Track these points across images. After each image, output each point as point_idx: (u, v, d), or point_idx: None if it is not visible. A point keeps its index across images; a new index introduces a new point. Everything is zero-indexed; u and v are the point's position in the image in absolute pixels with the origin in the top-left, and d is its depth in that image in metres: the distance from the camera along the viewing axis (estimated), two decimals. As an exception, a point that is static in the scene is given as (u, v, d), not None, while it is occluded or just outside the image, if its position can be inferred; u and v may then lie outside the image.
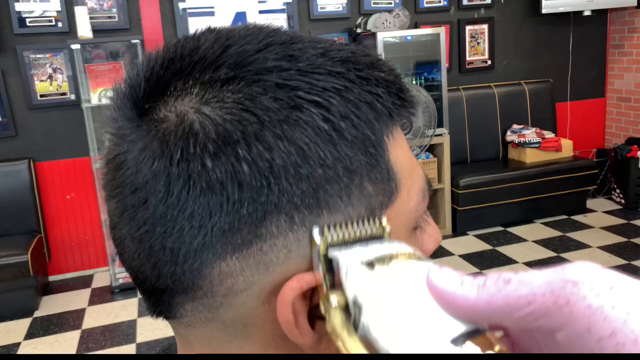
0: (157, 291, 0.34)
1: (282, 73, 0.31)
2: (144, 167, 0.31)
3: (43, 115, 3.78)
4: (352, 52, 0.34)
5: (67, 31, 3.69)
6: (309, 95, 0.31)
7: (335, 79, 0.32)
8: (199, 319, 0.34)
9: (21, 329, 3.30)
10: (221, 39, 0.34)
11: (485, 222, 4.32)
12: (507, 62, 4.73)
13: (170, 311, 0.35)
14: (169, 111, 0.32)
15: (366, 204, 0.32)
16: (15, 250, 3.43)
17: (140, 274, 0.34)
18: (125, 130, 0.33)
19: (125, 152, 0.33)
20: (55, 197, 3.88)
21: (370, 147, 0.32)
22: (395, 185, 0.34)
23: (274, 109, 0.30)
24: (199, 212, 0.30)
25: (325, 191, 0.31)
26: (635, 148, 4.50)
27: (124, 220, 0.33)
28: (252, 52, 0.32)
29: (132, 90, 0.33)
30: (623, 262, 3.64)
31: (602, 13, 4.81)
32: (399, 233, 0.35)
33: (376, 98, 0.33)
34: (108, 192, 0.35)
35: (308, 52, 0.33)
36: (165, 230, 0.31)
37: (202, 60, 0.32)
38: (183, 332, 0.37)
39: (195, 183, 0.30)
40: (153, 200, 0.31)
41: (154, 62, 0.34)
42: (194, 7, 3.94)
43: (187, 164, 0.30)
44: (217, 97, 0.31)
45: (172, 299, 0.34)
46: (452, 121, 4.32)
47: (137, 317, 3.34)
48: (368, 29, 3.96)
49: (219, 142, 0.30)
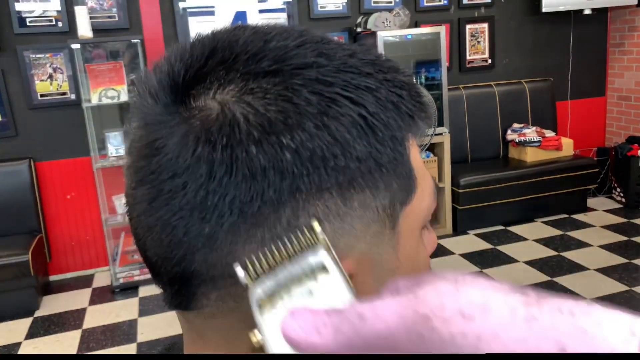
0: (182, 281, 0.34)
1: (320, 69, 0.33)
2: (185, 152, 0.31)
3: (43, 115, 3.79)
4: (376, 56, 0.36)
5: (67, 31, 3.69)
6: (344, 92, 0.32)
7: (366, 79, 0.34)
8: (223, 309, 0.34)
9: (22, 329, 3.30)
10: (259, 33, 0.35)
11: (485, 221, 4.32)
12: (507, 61, 4.73)
13: (192, 302, 0.35)
14: (211, 99, 0.32)
15: (390, 199, 0.34)
16: (15, 250, 3.43)
17: (167, 262, 0.34)
18: (162, 117, 0.33)
19: (164, 137, 0.33)
20: (55, 197, 3.88)
21: (398, 145, 0.34)
22: (414, 183, 0.35)
23: (314, 101, 0.31)
24: (240, 198, 0.31)
25: (358, 183, 0.32)
26: (636, 147, 4.50)
27: (156, 206, 0.33)
28: (292, 47, 0.34)
29: (169, 77, 0.34)
30: (624, 260, 3.64)
31: (603, 12, 4.81)
32: (414, 230, 0.37)
33: (400, 100, 0.35)
34: (139, 177, 0.34)
35: (339, 52, 0.34)
36: (204, 216, 0.31)
37: (244, 51, 0.33)
38: (200, 325, 0.36)
39: (238, 169, 0.30)
40: (193, 185, 0.31)
41: (192, 52, 0.34)
42: (194, 7, 3.94)
43: (232, 151, 0.31)
44: (259, 88, 0.32)
45: (198, 288, 0.34)
46: (452, 120, 4.32)
47: (138, 316, 3.35)
48: (368, 28, 3.96)
49: (262, 130, 0.31)
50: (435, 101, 3.90)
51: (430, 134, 3.83)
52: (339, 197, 0.32)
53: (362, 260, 0.33)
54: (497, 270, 3.63)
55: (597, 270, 3.53)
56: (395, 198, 0.34)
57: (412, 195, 0.35)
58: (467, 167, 4.46)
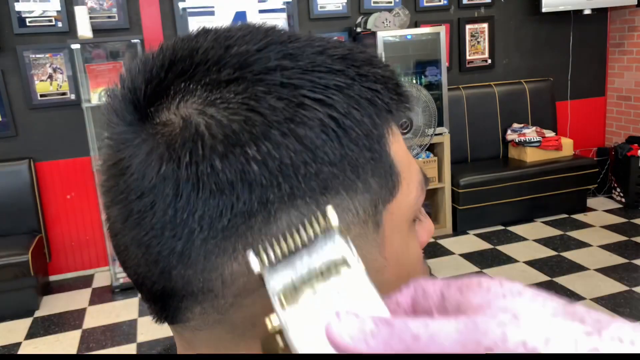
0: (164, 297, 0.34)
1: (284, 72, 0.31)
2: (150, 171, 0.31)
3: (43, 115, 3.78)
4: (349, 49, 0.35)
5: (67, 31, 3.69)
6: (312, 94, 0.31)
7: (336, 77, 0.32)
8: (207, 321, 0.34)
9: (22, 329, 3.30)
10: (220, 39, 0.33)
11: (485, 221, 4.32)
12: (507, 61, 4.73)
13: (177, 316, 0.35)
14: (173, 114, 0.31)
15: (370, 199, 0.33)
16: (15, 250, 3.43)
17: (147, 280, 0.34)
18: (127, 135, 0.33)
19: (129, 157, 0.32)
20: (55, 197, 3.88)
21: (374, 143, 0.33)
22: (396, 179, 0.34)
23: (280, 107, 0.30)
24: (209, 214, 0.30)
25: (333, 187, 0.31)
26: (636, 147, 4.50)
27: (128, 226, 0.33)
28: (254, 52, 0.32)
29: (131, 93, 0.33)
30: (623, 260, 3.64)
31: (602, 12, 4.81)
32: (401, 225, 0.35)
33: (376, 94, 0.33)
34: (110, 198, 0.34)
35: (307, 50, 0.33)
36: (175, 234, 0.31)
37: (204, 61, 0.32)
38: (188, 337, 0.36)
39: (204, 185, 0.30)
40: (161, 204, 0.31)
41: (152, 64, 0.33)
42: (194, 7, 3.94)
43: (196, 167, 0.30)
44: (222, 98, 0.31)
45: (180, 303, 0.34)
46: (452, 120, 4.32)
47: (138, 316, 3.35)
48: (368, 28, 3.96)
49: (227, 143, 0.30)
50: (435, 101, 3.90)
51: (430, 134, 3.84)
52: (313, 203, 0.31)
53: None
54: (497, 270, 3.63)
55: (597, 270, 3.53)
56: (376, 198, 0.33)
57: (395, 192, 0.34)
58: (467, 167, 4.46)
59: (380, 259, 0.34)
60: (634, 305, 3.12)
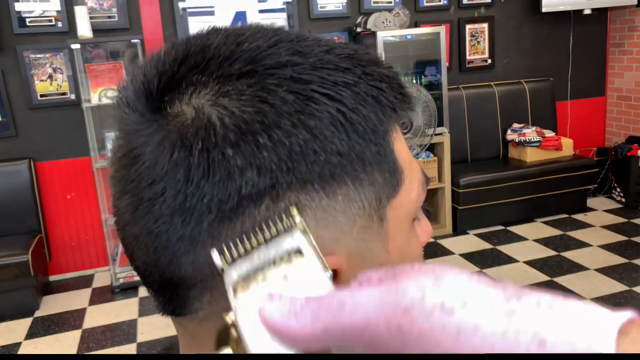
0: (172, 286, 0.34)
1: (295, 67, 0.33)
2: (162, 159, 0.32)
3: (43, 115, 3.79)
4: (354, 49, 0.36)
5: (67, 31, 3.69)
6: (321, 89, 0.32)
7: (343, 74, 0.33)
8: (215, 310, 0.34)
9: (22, 329, 3.30)
10: (231, 36, 0.35)
11: (485, 221, 4.32)
12: (507, 61, 4.73)
13: (185, 307, 0.35)
14: (185, 105, 0.32)
15: (375, 193, 0.34)
16: (15, 250, 3.43)
17: (156, 269, 0.34)
18: (139, 125, 0.33)
19: (141, 145, 0.33)
20: (55, 197, 3.88)
21: (380, 139, 0.34)
22: (400, 176, 0.35)
23: (290, 100, 0.31)
24: (218, 197, 0.31)
25: (341, 177, 0.32)
26: (636, 147, 4.50)
27: (138, 215, 0.33)
28: (265, 48, 0.33)
29: (144, 85, 0.34)
30: (623, 260, 3.64)
31: (602, 11, 4.81)
32: (403, 222, 0.36)
33: (381, 93, 0.34)
34: (120, 188, 0.35)
35: (315, 49, 0.34)
36: (184, 219, 0.32)
37: (216, 55, 0.33)
38: (194, 329, 0.37)
39: (215, 171, 0.31)
40: (172, 190, 0.31)
41: (165, 58, 0.34)
42: (194, 7, 3.94)
43: (208, 153, 0.31)
44: (234, 90, 0.32)
45: (189, 292, 0.34)
46: (452, 120, 4.32)
47: (138, 316, 3.35)
48: (368, 28, 3.96)
49: (238, 131, 0.31)
50: (435, 101, 3.90)
51: (430, 134, 3.84)
52: (322, 190, 0.32)
53: (351, 256, 0.34)
54: (497, 270, 3.63)
55: (597, 270, 3.53)
56: (381, 192, 0.34)
57: (398, 189, 0.35)
58: (467, 167, 4.46)
59: (384, 253, 0.35)
60: (634, 305, 3.12)
